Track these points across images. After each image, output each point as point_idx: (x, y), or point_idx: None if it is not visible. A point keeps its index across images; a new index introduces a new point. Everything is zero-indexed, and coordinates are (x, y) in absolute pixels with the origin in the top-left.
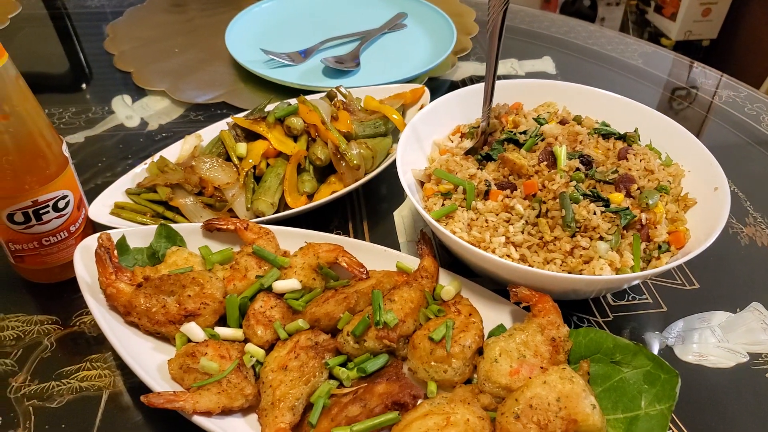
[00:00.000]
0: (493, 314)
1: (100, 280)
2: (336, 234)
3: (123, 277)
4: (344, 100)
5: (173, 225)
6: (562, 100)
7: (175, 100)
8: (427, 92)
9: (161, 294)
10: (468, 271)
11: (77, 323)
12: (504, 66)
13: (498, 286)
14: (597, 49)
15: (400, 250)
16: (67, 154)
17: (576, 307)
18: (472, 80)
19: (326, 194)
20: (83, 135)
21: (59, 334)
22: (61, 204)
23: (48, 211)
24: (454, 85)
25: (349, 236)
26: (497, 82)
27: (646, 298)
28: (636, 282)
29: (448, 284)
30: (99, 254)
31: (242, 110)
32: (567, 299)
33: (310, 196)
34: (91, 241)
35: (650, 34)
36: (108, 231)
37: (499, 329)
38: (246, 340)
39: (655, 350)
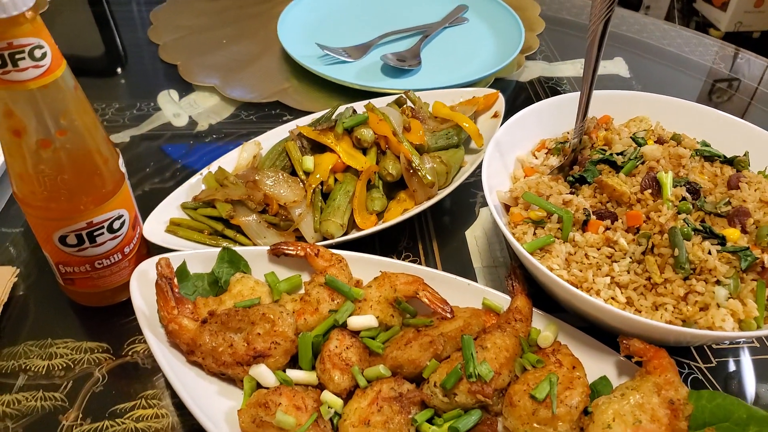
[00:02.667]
0: (593, 363)
1: (161, 315)
2: (405, 256)
3: (185, 311)
4: (413, 106)
5: (237, 249)
6: (654, 114)
7: (225, 97)
8: (501, 99)
9: (228, 331)
10: (550, 303)
11: (129, 352)
12: (574, 67)
13: (586, 323)
14: (673, 51)
15: (475, 276)
16: (123, 169)
17: (673, 351)
18: (540, 82)
19: (397, 213)
20: (128, 134)
21: (111, 364)
22: (116, 225)
23: (102, 233)
24: (520, 87)
25: (420, 258)
26: (576, 94)
27: (752, 341)
28: None
29: (544, 328)
30: (160, 286)
31: (296, 110)
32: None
33: (380, 214)
34: (148, 266)
35: (697, 24)
36: (166, 255)
37: (604, 383)
38: (320, 385)
39: None
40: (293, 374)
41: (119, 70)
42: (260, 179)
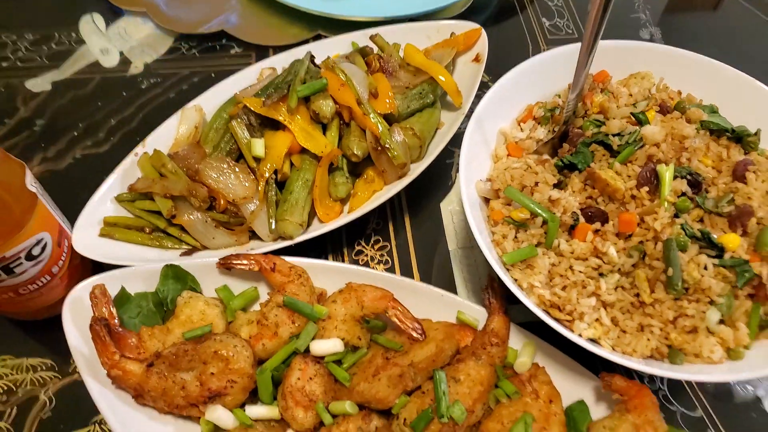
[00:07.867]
0: (570, 386)
1: (101, 360)
2: (375, 241)
3: (128, 348)
4: (381, 54)
5: (182, 264)
6: (658, 69)
7: (160, 26)
8: (484, 36)
9: (178, 372)
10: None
11: (77, 369)
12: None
13: None
14: None
15: (450, 261)
16: (33, 187)
17: None
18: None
19: (364, 198)
20: (49, 79)
21: (58, 384)
22: (36, 251)
23: (20, 263)
24: (501, 7)
25: (390, 243)
26: (569, 47)
27: None
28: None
29: (521, 349)
30: (96, 330)
31: (247, 44)
32: None
33: (344, 199)
34: (82, 292)
35: None
36: (100, 281)
37: (581, 408)
38: (283, 420)
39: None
40: (253, 411)
41: None
42: (203, 170)
